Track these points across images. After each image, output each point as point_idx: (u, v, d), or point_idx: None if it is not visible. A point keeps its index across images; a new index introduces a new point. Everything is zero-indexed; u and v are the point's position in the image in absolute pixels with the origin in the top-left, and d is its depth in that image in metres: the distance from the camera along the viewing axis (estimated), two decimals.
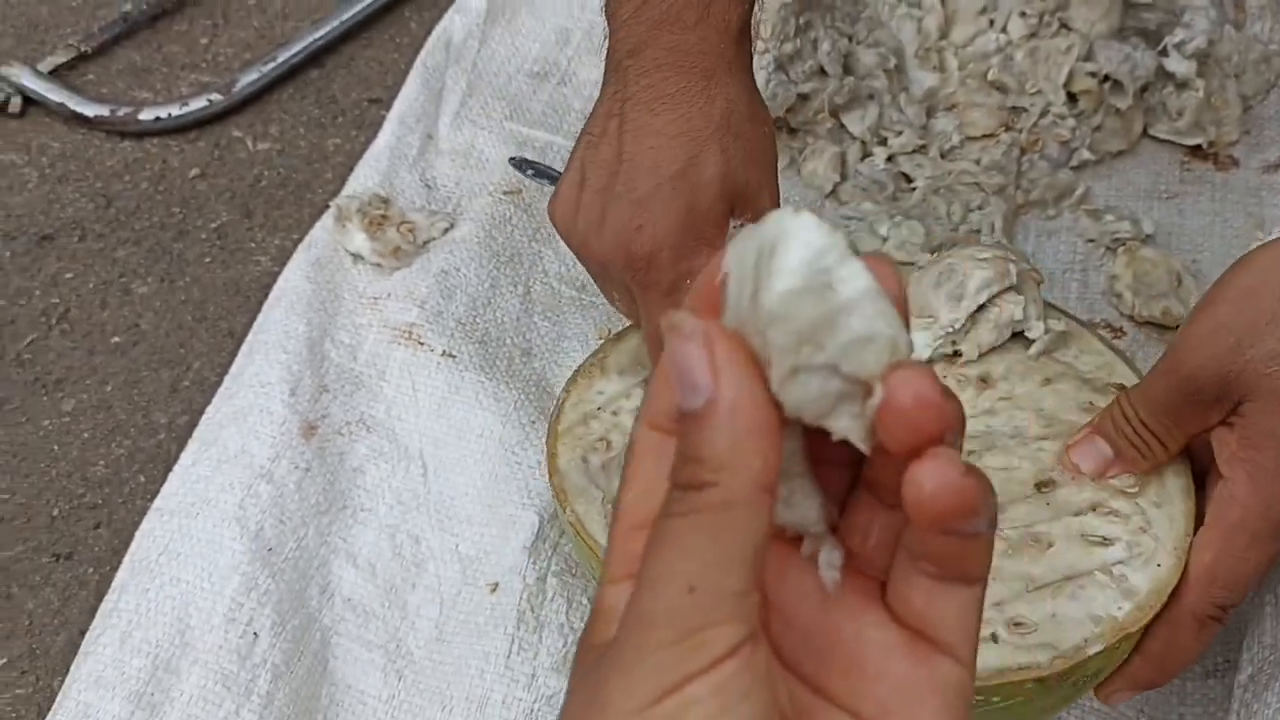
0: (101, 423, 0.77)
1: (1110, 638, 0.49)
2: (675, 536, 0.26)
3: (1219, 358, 0.49)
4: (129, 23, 1.03)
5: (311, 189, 0.91)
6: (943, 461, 0.25)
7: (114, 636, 0.64)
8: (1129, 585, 0.51)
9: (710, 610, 0.25)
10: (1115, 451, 0.54)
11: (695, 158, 0.57)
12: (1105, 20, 0.87)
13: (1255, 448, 0.50)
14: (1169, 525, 0.53)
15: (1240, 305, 0.49)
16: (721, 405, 0.25)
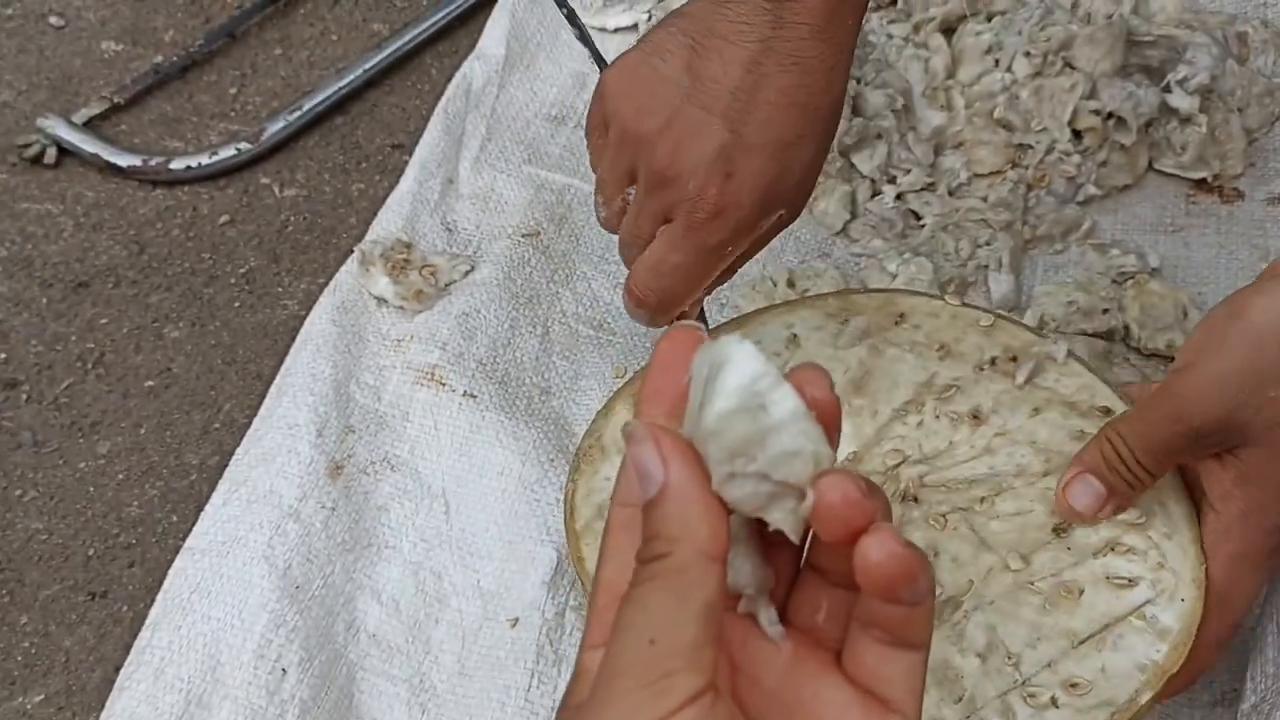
0: (135, 464, 0.79)
1: (1156, 684, 0.53)
2: (639, 598, 0.30)
3: (1228, 410, 0.51)
4: (160, 74, 1.06)
5: (337, 234, 0.94)
6: (885, 535, 0.30)
7: (148, 673, 0.66)
8: (1161, 626, 0.54)
9: (669, 659, 0.29)
10: (1108, 489, 0.55)
11: (802, 138, 0.57)
12: (1108, 58, 0.89)
13: (1252, 486, 0.53)
14: (1182, 556, 0.55)
15: (1248, 358, 0.51)
16: (671, 489, 0.30)
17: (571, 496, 0.62)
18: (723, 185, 0.57)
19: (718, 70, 0.57)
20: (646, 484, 0.31)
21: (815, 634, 0.34)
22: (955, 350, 0.65)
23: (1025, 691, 0.53)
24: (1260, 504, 0.53)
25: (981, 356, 0.64)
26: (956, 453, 0.61)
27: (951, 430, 0.62)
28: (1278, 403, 0.51)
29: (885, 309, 0.67)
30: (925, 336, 0.65)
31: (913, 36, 0.96)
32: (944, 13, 0.96)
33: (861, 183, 0.89)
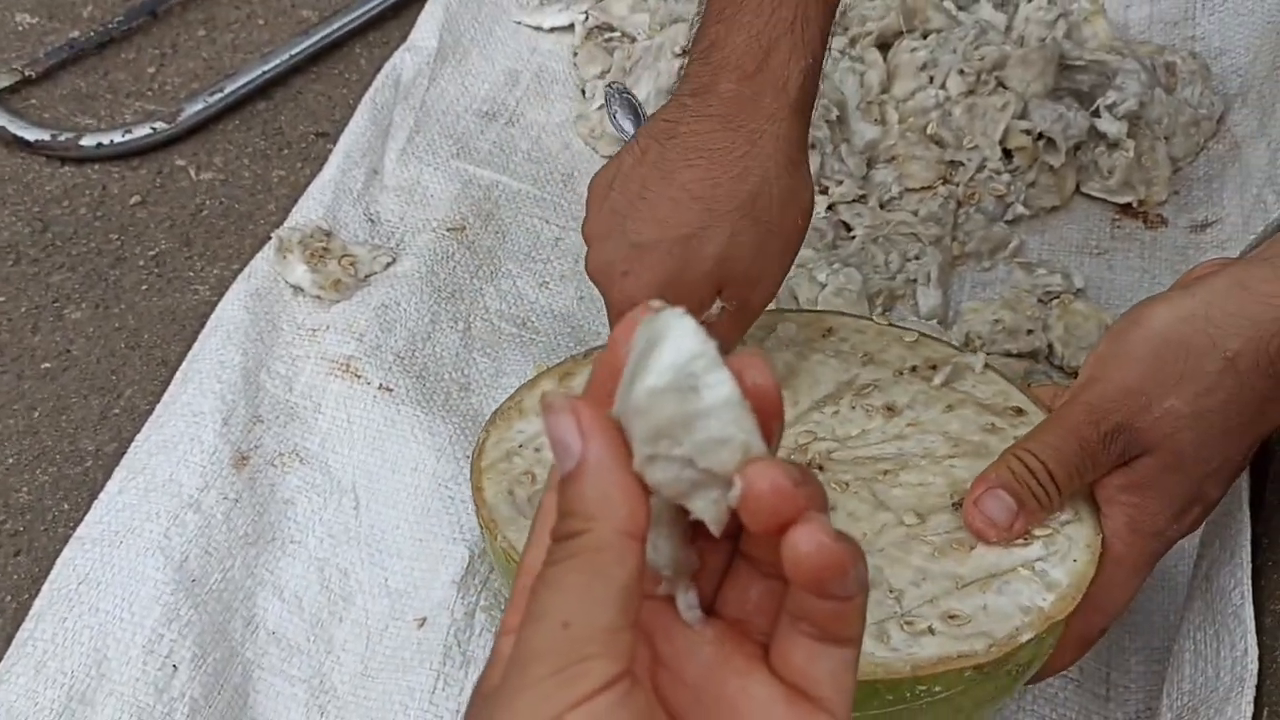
0: (27, 448, 0.75)
1: (1039, 626, 0.51)
2: (554, 579, 0.28)
3: (1132, 417, 0.52)
4: (75, 49, 1.02)
5: (254, 220, 0.90)
6: (815, 526, 0.28)
7: (28, 666, 0.62)
8: (1050, 579, 0.53)
9: (584, 644, 0.27)
10: (1019, 502, 0.54)
11: (704, 229, 0.57)
12: (1040, 80, 0.90)
13: (1139, 493, 0.53)
14: (1079, 526, 0.55)
15: (1149, 365, 0.51)
16: (589, 464, 0.29)
17: (482, 444, 0.61)
18: (621, 284, 0.58)
19: (638, 171, 0.58)
20: (563, 457, 0.29)
21: (743, 626, 0.32)
22: (878, 359, 0.65)
23: (903, 620, 0.52)
24: (1147, 512, 0.53)
25: (903, 364, 0.64)
26: (868, 437, 0.61)
27: (866, 419, 0.62)
28: (1174, 411, 0.51)
29: (814, 324, 0.67)
30: (851, 348, 0.66)
31: (849, 50, 0.96)
32: (880, 28, 0.96)
33: None
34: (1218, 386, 0.50)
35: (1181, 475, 0.52)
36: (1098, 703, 0.64)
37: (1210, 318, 0.51)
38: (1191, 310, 0.51)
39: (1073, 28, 0.97)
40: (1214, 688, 0.53)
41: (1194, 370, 0.50)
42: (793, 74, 0.57)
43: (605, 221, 0.59)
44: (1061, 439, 0.53)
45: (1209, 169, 0.92)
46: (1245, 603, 0.53)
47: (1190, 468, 0.52)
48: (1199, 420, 0.51)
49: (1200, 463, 0.52)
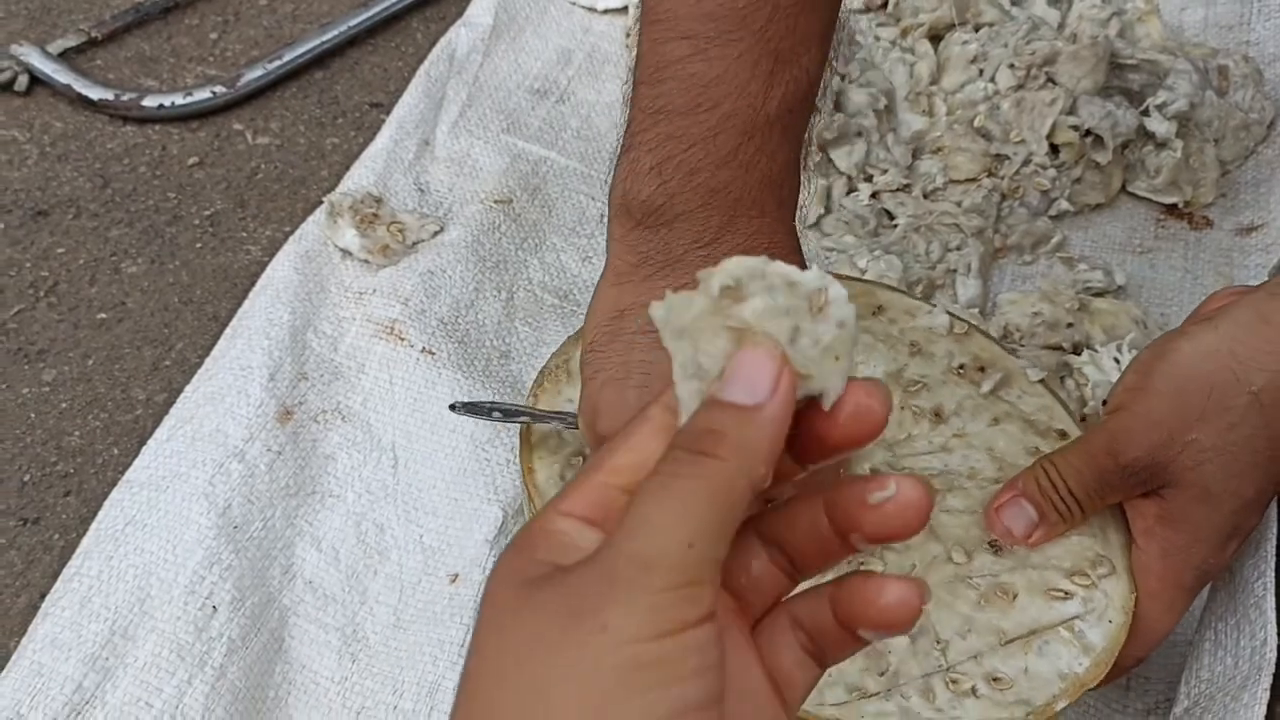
0: (80, 394, 0.77)
1: (1073, 694, 0.53)
2: (683, 495, 0.28)
3: (1153, 450, 0.53)
4: (141, 13, 1.05)
5: (306, 185, 0.92)
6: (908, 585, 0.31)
7: (74, 600, 0.64)
8: (1087, 641, 0.54)
9: (701, 569, 0.27)
10: (1040, 514, 0.56)
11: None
12: (1091, 77, 0.90)
13: (1171, 527, 0.54)
14: (1116, 583, 0.56)
15: (1173, 401, 0.52)
16: (764, 415, 0.29)
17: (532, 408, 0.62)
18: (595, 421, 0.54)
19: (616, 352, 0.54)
20: (744, 390, 0.29)
21: (736, 596, 0.33)
22: (925, 350, 0.65)
23: (949, 676, 0.53)
24: (1180, 545, 0.54)
25: (951, 362, 0.65)
26: (915, 444, 0.62)
27: (913, 423, 0.62)
28: (1198, 444, 0.52)
29: (865, 299, 0.67)
30: (899, 332, 0.66)
31: (900, 41, 0.96)
32: (932, 20, 0.96)
33: (838, 179, 0.89)
34: (1243, 421, 0.51)
35: (1211, 509, 0.53)
36: (1117, 692, 0.64)
37: (1234, 353, 0.51)
38: (1215, 345, 0.52)
39: (1126, 27, 0.97)
40: (1231, 676, 0.53)
41: (1218, 405, 0.51)
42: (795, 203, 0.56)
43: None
44: (1084, 462, 0.55)
45: (1257, 173, 0.91)
46: (1268, 594, 0.53)
47: (1220, 501, 0.52)
48: (1224, 454, 0.51)
49: (1230, 496, 0.52)
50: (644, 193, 0.52)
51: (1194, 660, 0.58)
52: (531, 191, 0.89)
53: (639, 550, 0.27)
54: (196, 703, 0.61)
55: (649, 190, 0.52)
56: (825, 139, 0.89)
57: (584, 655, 0.26)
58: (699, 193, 0.52)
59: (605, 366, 0.54)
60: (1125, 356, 0.76)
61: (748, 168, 0.52)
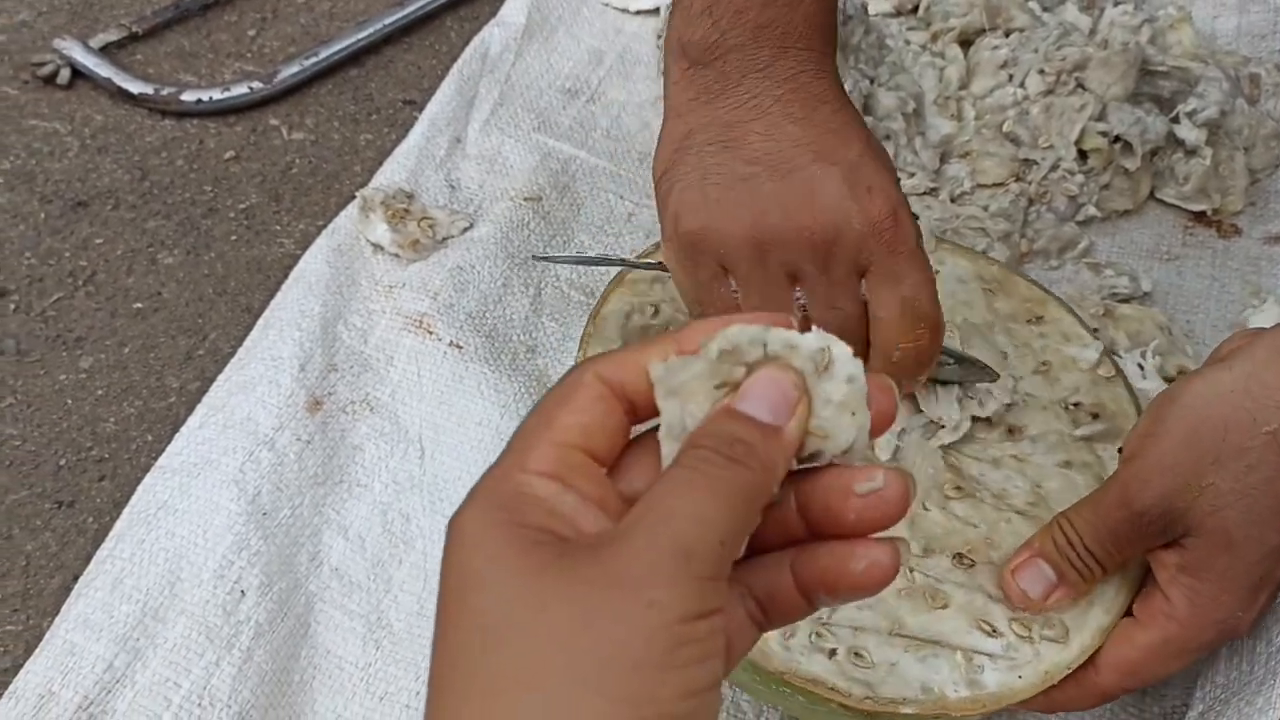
0: (116, 382, 0.79)
1: (929, 709, 0.51)
2: (723, 495, 0.29)
3: (1168, 497, 0.51)
4: (181, 9, 1.07)
5: (340, 180, 0.94)
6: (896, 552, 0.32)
7: (106, 582, 0.66)
8: (978, 679, 0.52)
9: (723, 566, 0.29)
10: (1059, 575, 0.54)
11: (869, 137, 0.56)
12: (1121, 83, 0.90)
13: (1196, 577, 0.51)
14: (1057, 650, 0.53)
15: (1186, 444, 0.50)
16: (784, 436, 0.31)
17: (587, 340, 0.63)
18: (871, 200, 0.53)
19: (766, 144, 0.55)
20: (768, 409, 0.31)
21: None
22: (1052, 374, 0.64)
23: (817, 628, 0.52)
24: (1206, 596, 0.51)
25: (1069, 396, 0.63)
26: (969, 446, 0.61)
27: (986, 427, 0.62)
28: (1215, 489, 0.50)
29: (1032, 305, 0.67)
30: (1040, 347, 0.65)
31: (930, 45, 0.97)
32: (963, 24, 0.97)
33: None
34: (1261, 463, 0.49)
35: (1234, 557, 0.50)
36: (1134, 697, 0.64)
37: (1249, 392, 0.49)
38: (1230, 386, 0.50)
39: (1157, 34, 0.97)
40: (1246, 680, 0.53)
41: (1235, 448, 0.49)
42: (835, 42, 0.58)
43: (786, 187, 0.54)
44: (1097, 517, 0.53)
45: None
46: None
47: (1243, 549, 0.50)
48: (1243, 498, 0.49)
49: (1253, 542, 0.50)
50: (697, 33, 0.56)
51: (1209, 665, 0.58)
52: (561, 189, 0.90)
53: (682, 537, 0.28)
54: (224, 684, 0.62)
55: (702, 30, 0.56)
56: None
57: (633, 627, 0.27)
58: (748, 29, 0.55)
59: (681, 176, 0.57)
60: (1149, 363, 0.76)
61: (792, 6, 0.55)
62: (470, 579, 0.29)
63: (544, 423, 0.32)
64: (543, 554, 0.28)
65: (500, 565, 0.28)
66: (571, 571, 0.28)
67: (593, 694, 0.26)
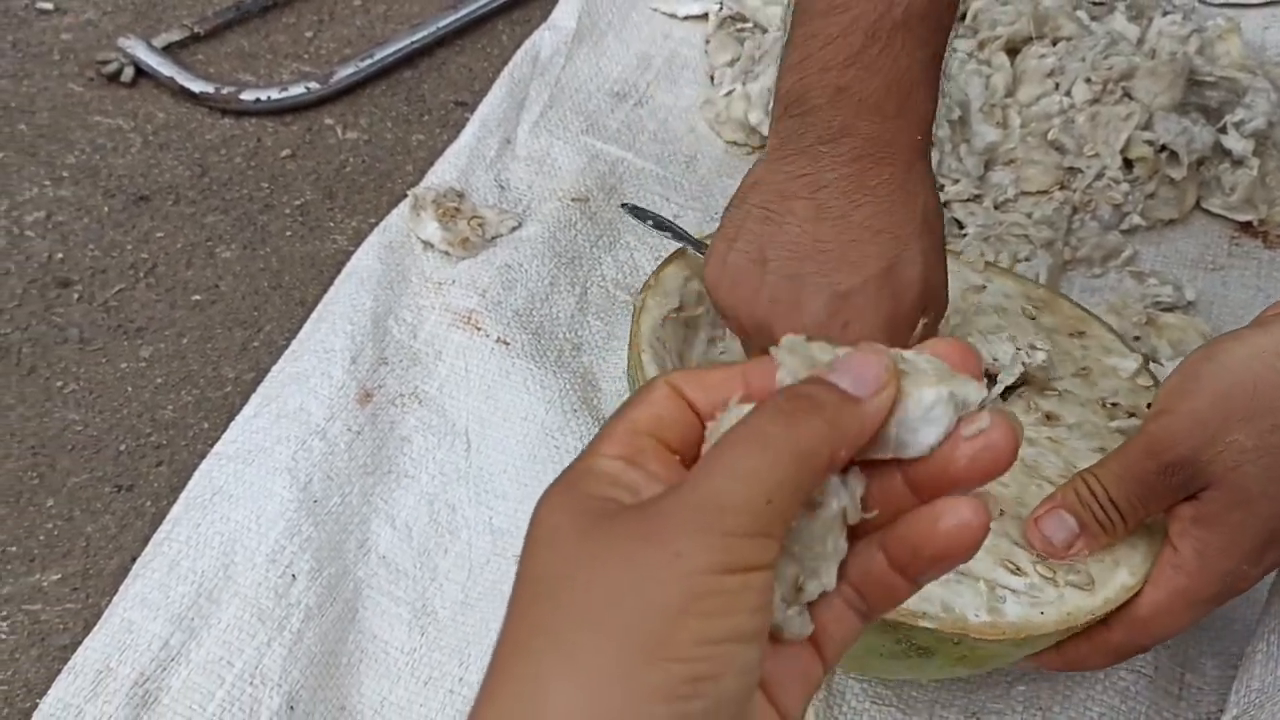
0: (174, 371, 0.82)
1: (948, 626, 0.51)
2: (771, 450, 0.29)
3: (1196, 450, 0.52)
4: (241, 11, 1.09)
5: (392, 178, 0.96)
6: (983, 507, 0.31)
7: (163, 563, 0.68)
8: (1000, 608, 0.53)
9: (772, 524, 0.29)
10: (1080, 526, 0.55)
11: (899, 257, 0.56)
12: (1168, 93, 0.90)
13: (1208, 529, 0.53)
14: (1080, 596, 0.54)
15: (1216, 401, 0.52)
16: (866, 406, 0.31)
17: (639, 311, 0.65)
18: (843, 334, 0.55)
19: (795, 231, 0.56)
20: (851, 380, 0.31)
21: None
22: (1092, 379, 0.65)
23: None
24: (1217, 548, 0.53)
25: (1108, 396, 0.64)
26: None
27: (1024, 410, 0.63)
28: (1239, 445, 0.51)
29: (1074, 321, 0.68)
30: (1081, 358, 0.66)
31: (977, 53, 0.97)
32: (1010, 33, 0.97)
33: None
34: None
35: (1248, 513, 0.52)
36: (1169, 700, 0.65)
37: (1275, 353, 0.51)
38: (1264, 348, 0.51)
39: (1205, 44, 0.97)
40: None
41: (1262, 407, 0.51)
42: (929, 110, 0.57)
43: (784, 291, 0.56)
44: (1123, 468, 0.54)
45: None
46: None
47: (1258, 505, 0.52)
48: (1265, 455, 0.51)
49: (1269, 500, 0.51)
50: (787, 84, 0.57)
51: (1245, 670, 0.58)
52: (608, 191, 0.91)
53: (719, 491, 0.29)
54: (275, 664, 0.64)
55: (791, 82, 0.57)
56: None
57: (654, 575, 0.28)
58: (828, 90, 0.55)
59: (726, 223, 0.60)
60: None
61: (871, 69, 0.54)
62: (536, 544, 0.30)
63: (618, 416, 0.33)
64: (598, 517, 0.30)
65: (561, 529, 0.30)
66: (621, 528, 0.29)
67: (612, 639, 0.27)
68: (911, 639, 0.52)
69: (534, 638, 0.28)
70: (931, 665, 0.55)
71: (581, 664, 0.27)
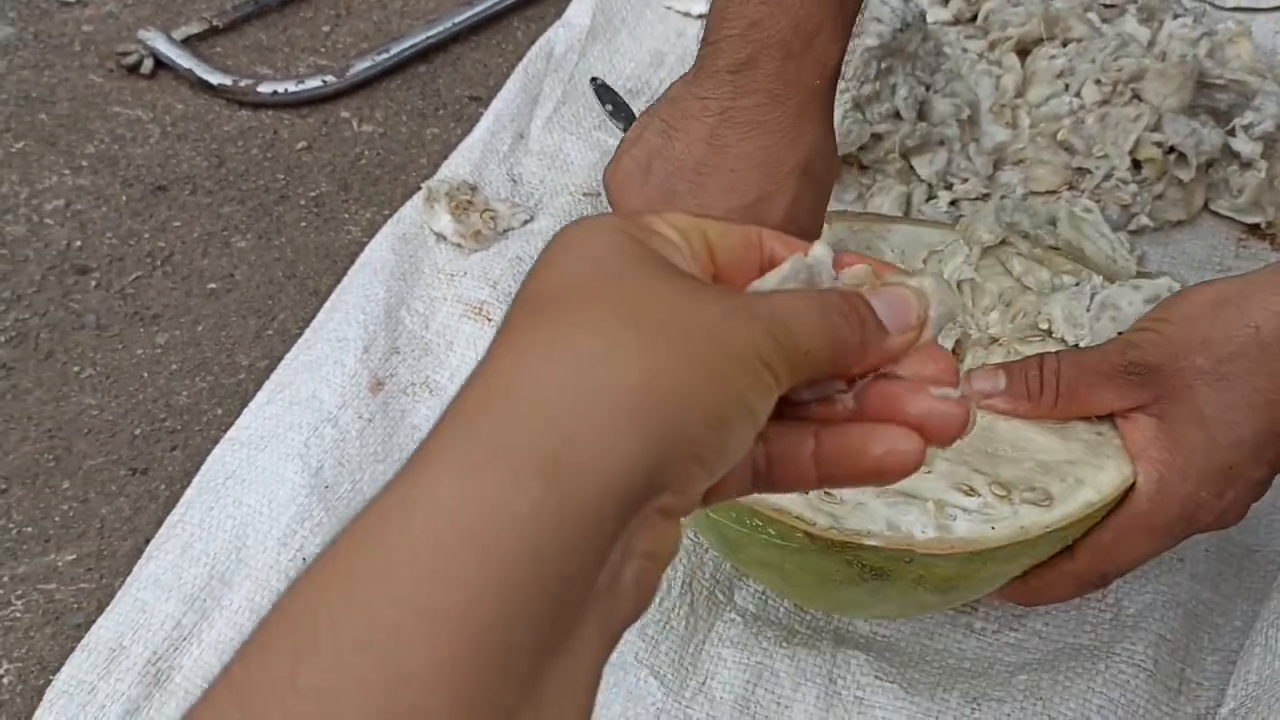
0: (189, 357, 0.83)
1: (894, 543, 0.52)
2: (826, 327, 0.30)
3: (1160, 360, 0.55)
4: (259, 5, 1.11)
5: (406, 171, 0.97)
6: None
7: (176, 545, 0.69)
8: (948, 525, 0.53)
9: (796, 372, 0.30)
10: (1007, 384, 0.57)
11: (769, 195, 0.59)
12: (1177, 95, 0.90)
13: (1167, 449, 0.55)
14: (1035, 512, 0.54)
15: (1182, 327, 0.56)
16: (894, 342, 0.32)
17: None
18: None
19: (682, 149, 0.60)
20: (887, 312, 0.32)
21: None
22: None
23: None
24: (1174, 468, 0.55)
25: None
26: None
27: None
28: (1196, 366, 0.54)
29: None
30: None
31: (987, 53, 0.98)
32: (1021, 34, 0.98)
33: (919, 185, 0.91)
34: (1241, 354, 0.54)
35: (1205, 435, 0.54)
36: (1168, 695, 0.65)
37: (1243, 294, 0.55)
38: (1230, 291, 0.56)
39: (1216, 47, 0.97)
40: (1278, 679, 0.54)
41: (1220, 335, 0.54)
42: (832, 55, 0.60)
43: (656, 202, 0.60)
44: (1086, 355, 0.57)
45: None
46: None
47: (1214, 428, 0.54)
48: (1220, 380, 0.54)
49: (1225, 426, 0.54)
50: (712, 11, 0.60)
51: (1243, 664, 0.59)
52: None
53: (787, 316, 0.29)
54: None
55: (716, 9, 0.60)
56: (907, 146, 0.91)
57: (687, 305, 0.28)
58: (742, 22, 0.58)
59: (632, 130, 0.64)
60: None
61: (781, 7, 0.57)
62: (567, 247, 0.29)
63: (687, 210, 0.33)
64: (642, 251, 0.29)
65: (597, 244, 0.29)
66: (663, 270, 0.29)
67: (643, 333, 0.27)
68: (861, 559, 0.53)
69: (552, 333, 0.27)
70: (892, 590, 0.55)
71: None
